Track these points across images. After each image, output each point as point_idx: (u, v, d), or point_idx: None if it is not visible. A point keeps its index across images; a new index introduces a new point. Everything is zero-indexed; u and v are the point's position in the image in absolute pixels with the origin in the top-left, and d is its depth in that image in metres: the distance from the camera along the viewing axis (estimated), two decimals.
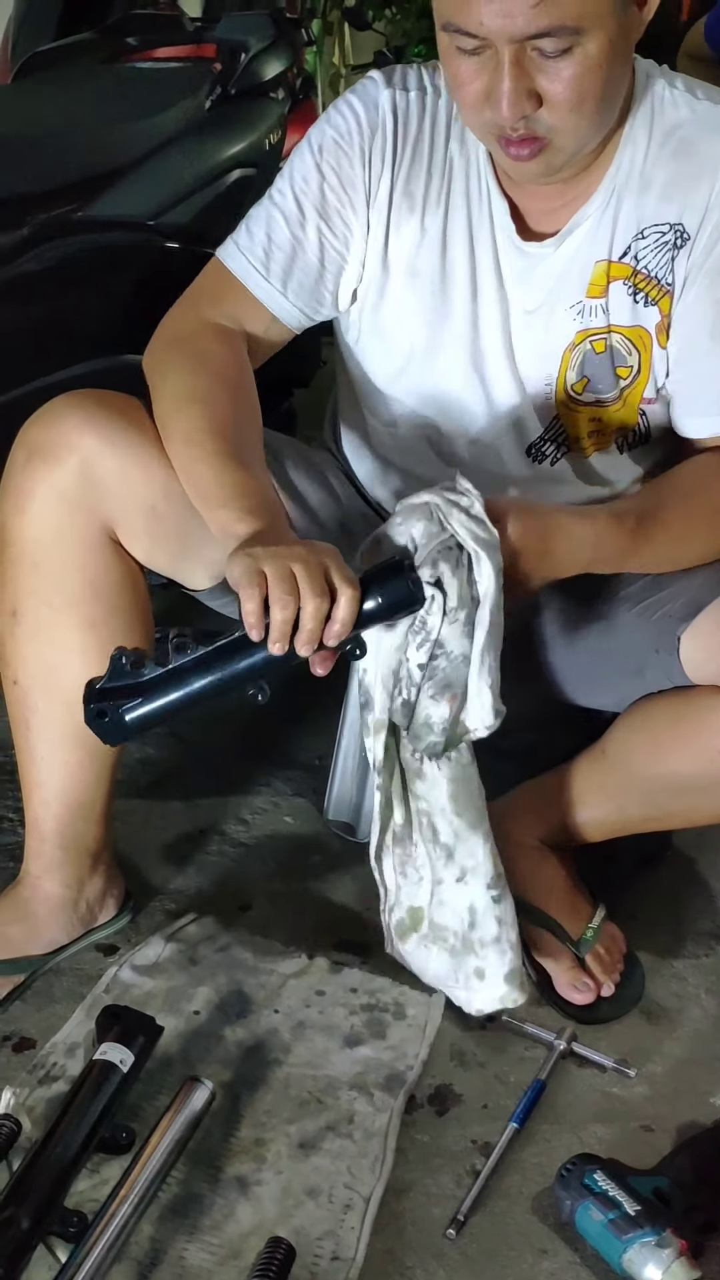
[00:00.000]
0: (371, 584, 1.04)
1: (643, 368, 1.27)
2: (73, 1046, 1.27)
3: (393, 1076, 1.25)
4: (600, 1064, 1.28)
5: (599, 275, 1.24)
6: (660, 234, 1.22)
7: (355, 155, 1.24)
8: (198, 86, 2.05)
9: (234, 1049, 1.28)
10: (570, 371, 1.28)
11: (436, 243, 1.26)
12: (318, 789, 1.70)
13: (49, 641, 1.25)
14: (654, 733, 1.29)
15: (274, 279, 1.26)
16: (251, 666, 1.05)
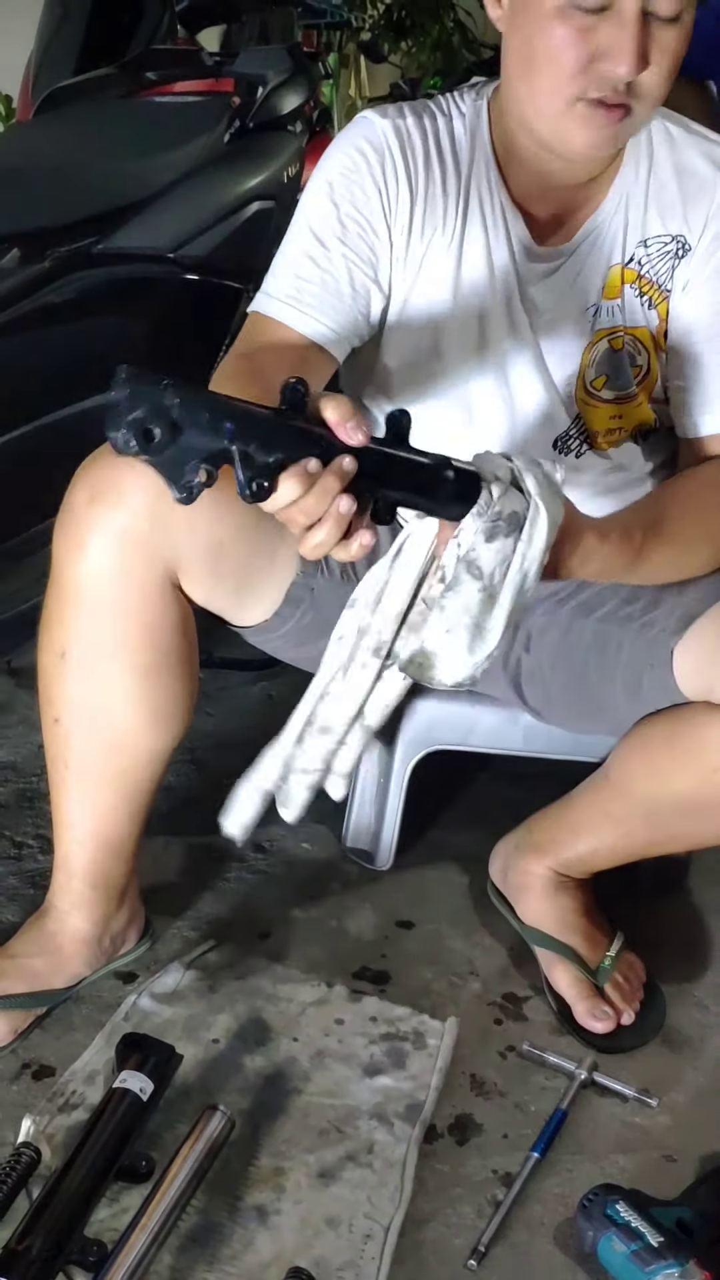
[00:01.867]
0: (445, 468, 0.96)
1: (650, 368, 1.32)
2: (92, 1074, 1.27)
3: (412, 1106, 1.24)
4: (622, 1093, 1.28)
5: (614, 277, 1.29)
6: (663, 244, 1.28)
7: (367, 182, 1.26)
8: (216, 120, 2.07)
9: (253, 1077, 1.28)
10: (590, 370, 1.32)
11: (458, 256, 1.28)
12: (336, 816, 1.70)
13: (98, 685, 1.25)
14: (652, 754, 1.29)
15: (308, 310, 1.25)
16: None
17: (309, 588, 1.37)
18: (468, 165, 1.28)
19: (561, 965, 1.40)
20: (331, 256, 1.26)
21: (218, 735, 1.99)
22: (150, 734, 1.30)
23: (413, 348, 1.33)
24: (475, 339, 1.31)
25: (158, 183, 1.89)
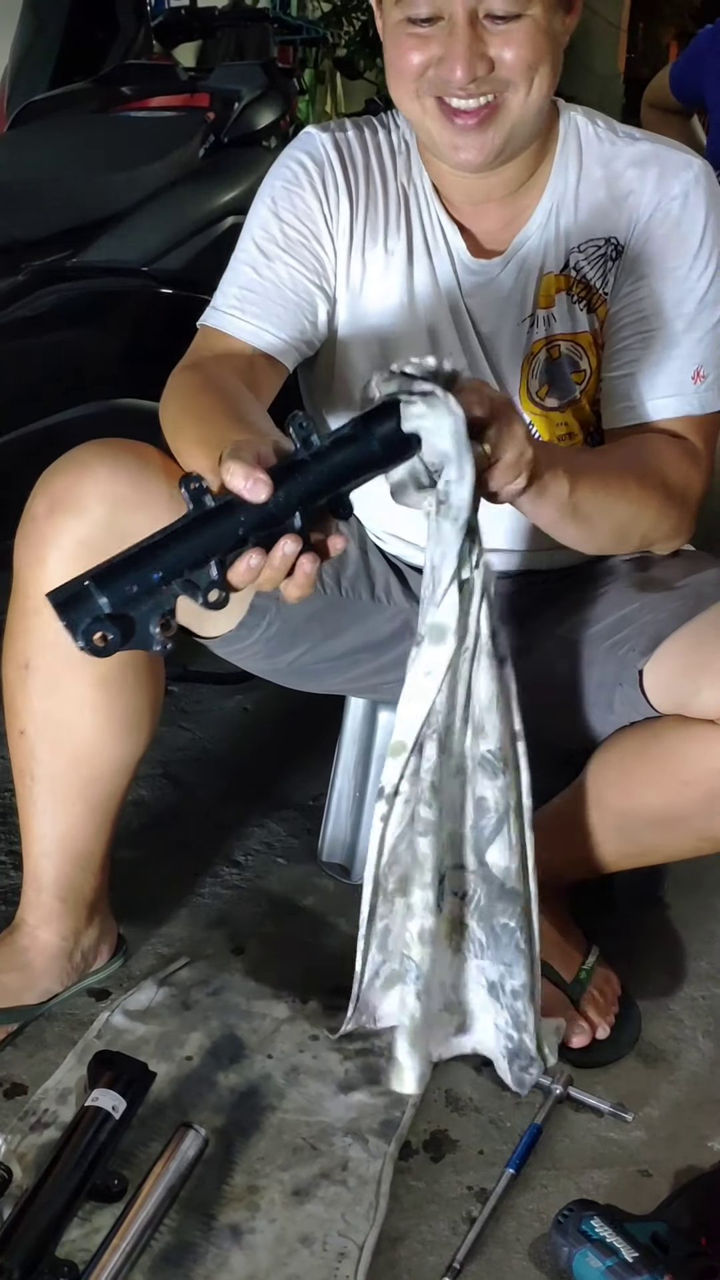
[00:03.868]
0: (362, 427, 0.93)
1: (592, 370, 1.33)
2: (64, 1092, 1.26)
3: (387, 1122, 1.24)
4: (597, 1108, 1.27)
5: (547, 287, 1.31)
6: (597, 247, 1.30)
7: (308, 193, 1.29)
8: (191, 135, 2.08)
9: (227, 1095, 1.27)
10: (532, 380, 1.33)
11: (401, 267, 1.31)
12: (312, 830, 1.70)
13: (61, 696, 1.25)
14: (624, 767, 1.30)
15: (252, 319, 1.27)
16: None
17: (274, 597, 1.36)
18: (407, 178, 1.31)
19: None
20: (274, 266, 1.28)
21: (193, 749, 1.99)
22: (115, 743, 1.29)
23: (362, 358, 1.34)
24: (420, 347, 1.31)
25: (132, 197, 1.90)
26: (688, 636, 1.24)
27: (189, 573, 0.88)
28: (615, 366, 1.30)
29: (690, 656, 1.23)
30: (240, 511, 0.88)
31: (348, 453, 0.92)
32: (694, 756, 1.22)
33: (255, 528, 0.89)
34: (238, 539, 0.89)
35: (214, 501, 0.89)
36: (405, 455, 0.95)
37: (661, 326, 1.27)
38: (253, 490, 0.87)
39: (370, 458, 0.93)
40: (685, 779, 1.23)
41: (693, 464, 1.25)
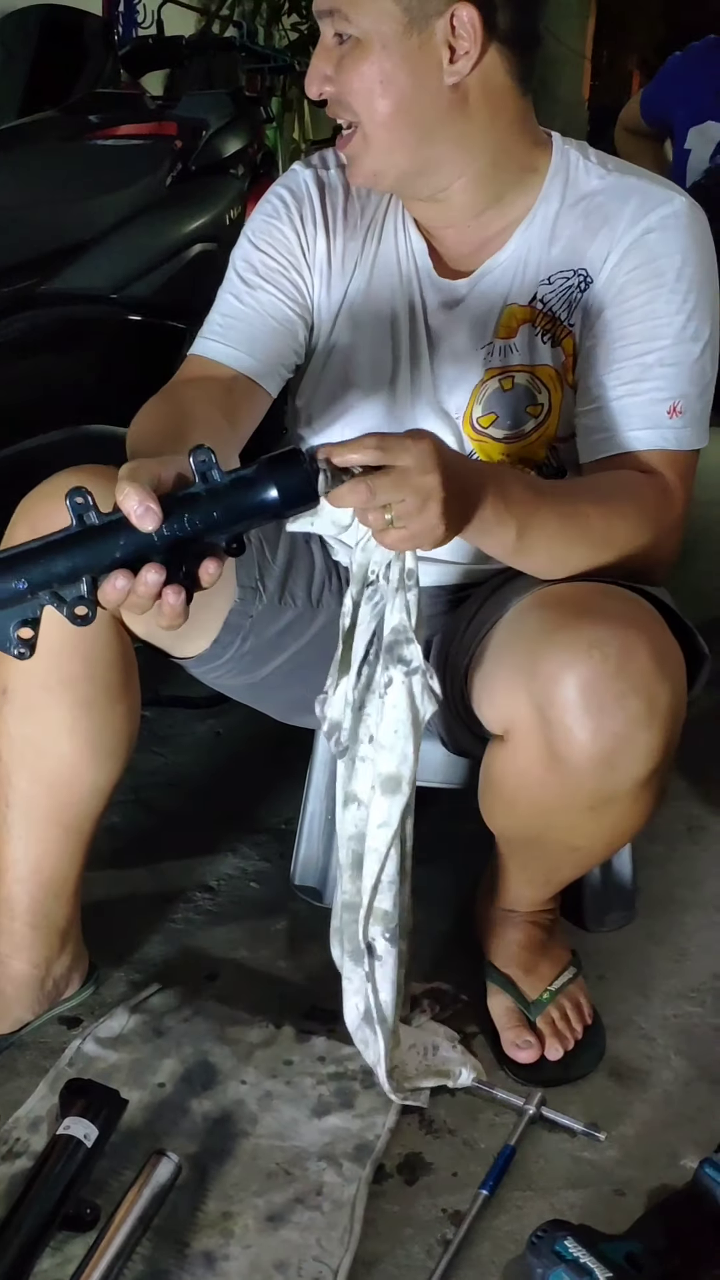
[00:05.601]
0: (265, 472, 0.94)
1: (553, 405, 1.32)
2: (36, 1121, 1.25)
3: (361, 1146, 1.23)
4: (570, 1128, 1.27)
5: (509, 318, 1.31)
6: (565, 279, 1.29)
7: (286, 226, 1.35)
8: (159, 163, 2.09)
9: (200, 1121, 1.26)
10: (477, 406, 1.33)
11: (369, 283, 1.34)
12: (284, 854, 1.70)
13: (39, 722, 1.25)
14: (483, 796, 1.29)
15: (234, 344, 1.32)
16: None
17: (247, 615, 1.38)
18: (385, 204, 1.36)
19: (498, 995, 1.41)
20: (256, 294, 1.33)
21: (165, 774, 1.99)
22: (91, 769, 1.29)
23: (329, 378, 1.37)
24: (385, 368, 1.34)
25: (100, 225, 1.90)
26: (481, 647, 1.25)
27: (58, 585, 0.90)
28: (589, 400, 1.28)
29: (477, 670, 1.25)
30: (122, 534, 0.90)
31: (244, 495, 0.93)
32: (501, 776, 1.22)
33: (133, 553, 0.90)
34: (113, 561, 0.90)
35: (98, 519, 0.90)
36: (304, 507, 0.97)
37: (634, 359, 1.25)
38: (141, 518, 0.88)
39: (267, 505, 0.94)
40: (508, 798, 1.23)
41: (664, 498, 1.22)
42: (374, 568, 1.10)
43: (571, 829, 1.22)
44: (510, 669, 1.16)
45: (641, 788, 1.14)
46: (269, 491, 0.93)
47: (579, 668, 1.08)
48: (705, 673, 1.22)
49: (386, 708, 1.11)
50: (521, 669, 1.13)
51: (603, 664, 1.08)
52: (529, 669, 1.12)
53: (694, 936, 1.61)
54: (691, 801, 1.92)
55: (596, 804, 1.16)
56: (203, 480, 0.92)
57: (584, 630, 1.10)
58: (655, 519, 1.22)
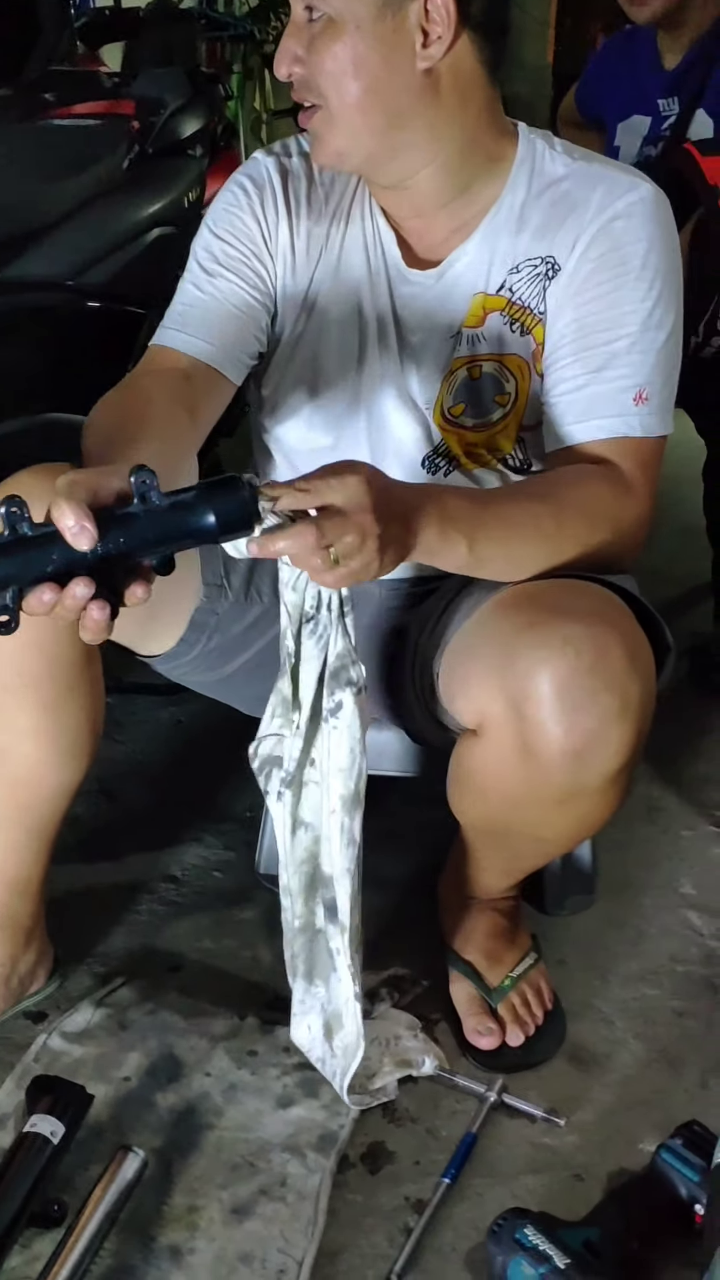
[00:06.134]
0: (203, 497, 0.95)
1: (520, 394, 1.32)
2: (3, 1118, 1.26)
3: (325, 1136, 1.25)
4: (530, 1114, 1.30)
5: (476, 307, 1.31)
6: (533, 266, 1.29)
7: (247, 215, 1.33)
8: (116, 146, 2.06)
9: (165, 1115, 1.28)
10: (448, 396, 1.33)
11: (337, 273, 1.34)
12: (249, 842, 1.70)
13: (2, 724, 1.24)
14: (452, 786, 1.30)
15: (193, 332, 1.30)
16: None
17: (213, 612, 1.38)
18: (351, 192, 1.34)
19: (460, 982, 1.43)
20: (216, 282, 1.32)
21: (127, 763, 1.99)
22: (56, 770, 1.29)
23: (295, 367, 1.37)
24: (351, 357, 1.34)
25: (57, 210, 1.88)
26: (454, 640, 1.26)
27: None
28: (555, 387, 1.28)
29: (450, 663, 1.26)
30: (54, 549, 0.89)
31: (181, 518, 0.93)
32: (473, 768, 1.24)
33: (63, 567, 0.90)
34: (43, 574, 0.90)
35: (31, 530, 0.90)
36: (240, 534, 0.97)
37: (601, 346, 1.25)
38: (76, 536, 0.88)
39: (203, 530, 0.94)
40: (479, 790, 1.25)
41: (624, 493, 1.23)
42: (309, 603, 1.11)
43: (540, 821, 1.23)
44: (485, 665, 1.17)
45: (611, 782, 1.16)
46: (207, 517, 0.94)
47: (554, 664, 1.09)
48: (671, 664, 1.24)
49: (340, 729, 1.13)
50: (496, 665, 1.14)
51: (577, 660, 1.09)
52: (504, 665, 1.13)
53: (652, 919, 1.64)
54: (650, 783, 1.94)
55: (566, 797, 1.17)
56: (141, 501, 0.92)
57: (558, 627, 1.11)
58: (613, 513, 1.22)
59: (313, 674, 1.15)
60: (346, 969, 1.22)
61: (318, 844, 1.22)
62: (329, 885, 1.22)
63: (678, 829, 1.85)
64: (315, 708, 1.16)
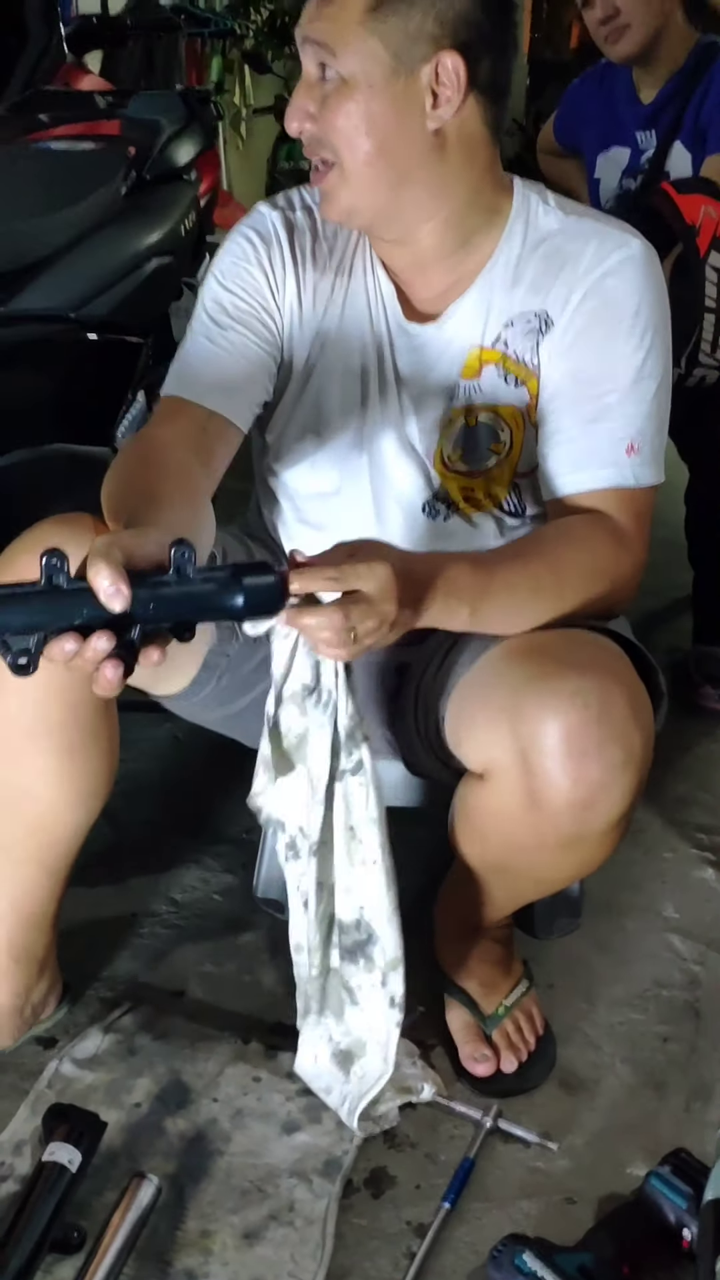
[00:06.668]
0: (236, 580, 0.99)
1: (514, 444, 1.38)
2: (19, 1144, 1.31)
3: (330, 1162, 1.31)
4: (524, 1139, 1.36)
5: (472, 359, 1.36)
6: (527, 321, 1.34)
7: (255, 269, 1.38)
8: (114, 173, 2.09)
9: (176, 1140, 1.33)
10: (447, 443, 1.39)
11: (340, 327, 1.38)
12: (246, 864, 1.74)
13: (22, 767, 1.28)
14: (455, 825, 1.36)
15: (207, 386, 1.34)
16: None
17: (224, 654, 1.43)
18: (353, 246, 1.39)
19: (456, 1009, 1.49)
20: (227, 334, 1.36)
21: (125, 781, 1.98)
22: (73, 810, 1.34)
23: (300, 415, 1.41)
24: (354, 406, 1.39)
25: (58, 241, 1.91)
26: (461, 686, 1.31)
27: (10, 635, 0.93)
28: (551, 437, 1.33)
29: (457, 709, 1.30)
30: (85, 605, 0.92)
31: (212, 595, 0.97)
32: (477, 811, 1.29)
33: (90, 623, 0.93)
34: (70, 626, 0.93)
35: (67, 583, 0.93)
36: (266, 616, 1.03)
37: (594, 398, 1.30)
38: (110, 598, 0.91)
39: (231, 609, 0.98)
40: (482, 831, 1.30)
41: (619, 544, 1.28)
42: (308, 678, 1.15)
43: (542, 863, 1.29)
44: (493, 713, 1.21)
45: (613, 828, 1.21)
46: (236, 598, 0.98)
47: (562, 716, 1.14)
48: (664, 710, 1.29)
49: (365, 783, 1.19)
50: (504, 714, 1.19)
51: (584, 713, 1.14)
52: (512, 715, 1.18)
53: (636, 943, 1.70)
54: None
55: (570, 843, 1.22)
56: (177, 573, 0.96)
57: (566, 680, 1.16)
58: (610, 565, 1.28)
59: (325, 743, 1.19)
60: (382, 1001, 1.27)
61: (332, 896, 1.27)
62: (349, 931, 1.27)
63: (659, 850, 1.92)
64: (331, 775, 1.20)
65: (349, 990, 1.29)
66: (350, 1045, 1.31)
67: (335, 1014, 1.31)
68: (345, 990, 1.29)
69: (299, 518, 1.50)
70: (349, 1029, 1.30)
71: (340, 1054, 1.31)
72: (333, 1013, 1.31)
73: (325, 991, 1.31)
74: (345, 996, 1.29)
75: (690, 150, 2.26)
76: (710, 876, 1.87)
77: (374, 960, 1.26)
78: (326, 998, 1.31)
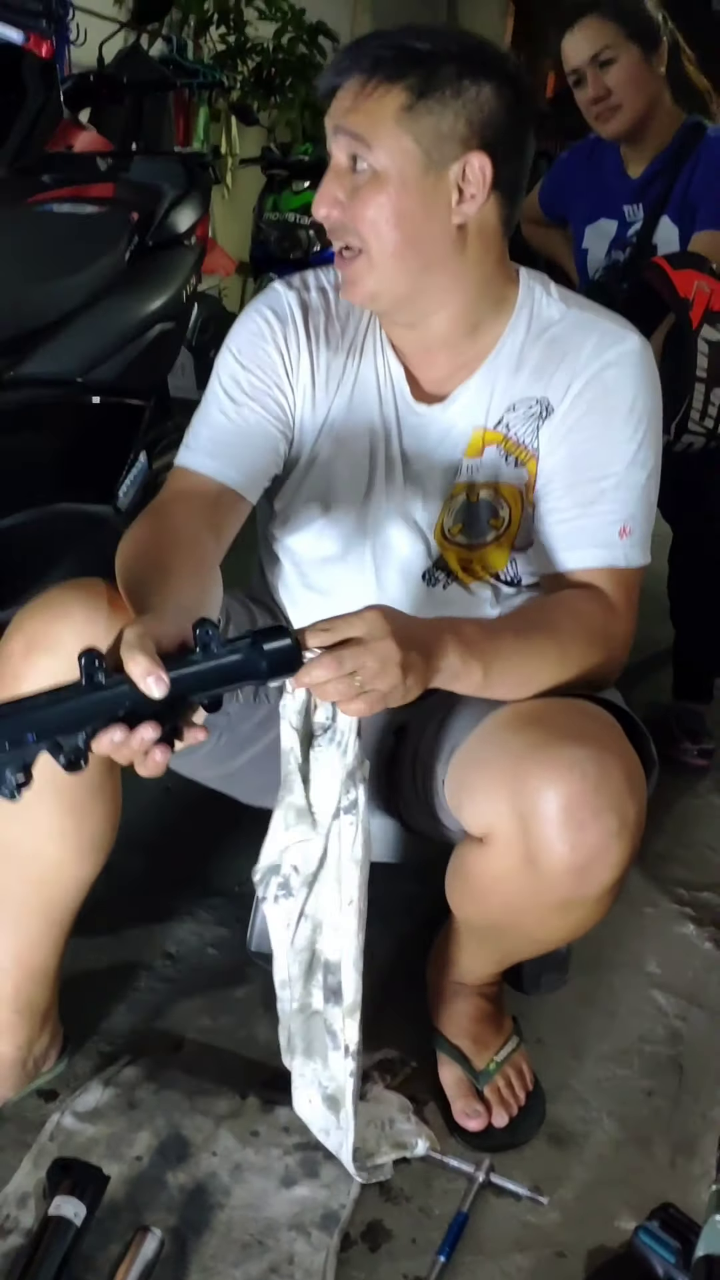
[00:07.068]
0: (257, 647, 1.05)
1: (513, 520, 1.45)
2: (24, 1197, 1.33)
3: (328, 1215, 1.34)
4: (516, 1193, 1.40)
5: (476, 439, 1.43)
6: (529, 407, 1.41)
7: (271, 347, 1.44)
8: (118, 238, 2.15)
9: (177, 1193, 1.36)
10: (448, 517, 1.46)
11: (350, 406, 1.45)
12: (240, 917, 1.79)
13: (26, 826, 1.31)
14: (452, 884, 1.40)
15: (221, 458, 1.40)
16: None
17: (225, 712, 1.46)
18: (364, 327, 1.45)
19: (449, 1065, 1.53)
20: (242, 411, 1.42)
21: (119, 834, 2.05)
22: (77, 865, 1.37)
23: (308, 487, 1.48)
24: (362, 480, 1.45)
25: (65, 306, 1.96)
26: (462, 751, 1.36)
27: (60, 735, 0.98)
28: (549, 516, 1.41)
29: (458, 773, 1.35)
30: (127, 697, 0.98)
31: (238, 665, 1.03)
32: (476, 872, 1.33)
33: (133, 712, 0.99)
34: (114, 718, 0.99)
35: (105, 679, 0.98)
36: (285, 676, 1.09)
37: (590, 482, 1.38)
38: (148, 687, 0.96)
39: (256, 674, 1.05)
40: (480, 892, 1.34)
41: (611, 617, 1.35)
42: (324, 716, 1.20)
43: (537, 924, 1.33)
44: (494, 779, 1.26)
45: (608, 892, 1.26)
46: (260, 664, 1.04)
47: (561, 785, 1.20)
48: (655, 776, 1.35)
49: (356, 822, 1.23)
50: (505, 781, 1.24)
51: (583, 783, 1.19)
52: (513, 781, 1.23)
53: (621, 998, 1.75)
54: None
55: (566, 906, 1.27)
56: (203, 650, 1.02)
57: (566, 750, 1.21)
58: (604, 637, 1.35)
59: (336, 778, 1.23)
60: (345, 1047, 1.31)
61: (317, 931, 1.31)
62: (334, 970, 1.31)
63: (642, 906, 1.97)
64: (336, 810, 1.25)
65: (331, 1034, 1.33)
66: (335, 1091, 1.34)
67: (321, 1058, 1.34)
68: (328, 1034, 1.32)
69: (302, 581, 1.55)
70: (333, 1074, 1.34)
71: (328, 1098, 1.35)
72: (319, 1056, 1.34)
73: (309, 1032, 1.34)
74: (328, 1041, 1.33)
75: (677, 224, 2.35)
76: (691, 932, 1.92)
77: (346, 1005, 1.30)
78: (311, 1038, 1.34)
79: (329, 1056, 1.35)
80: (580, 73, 2.33)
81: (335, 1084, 1.35)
